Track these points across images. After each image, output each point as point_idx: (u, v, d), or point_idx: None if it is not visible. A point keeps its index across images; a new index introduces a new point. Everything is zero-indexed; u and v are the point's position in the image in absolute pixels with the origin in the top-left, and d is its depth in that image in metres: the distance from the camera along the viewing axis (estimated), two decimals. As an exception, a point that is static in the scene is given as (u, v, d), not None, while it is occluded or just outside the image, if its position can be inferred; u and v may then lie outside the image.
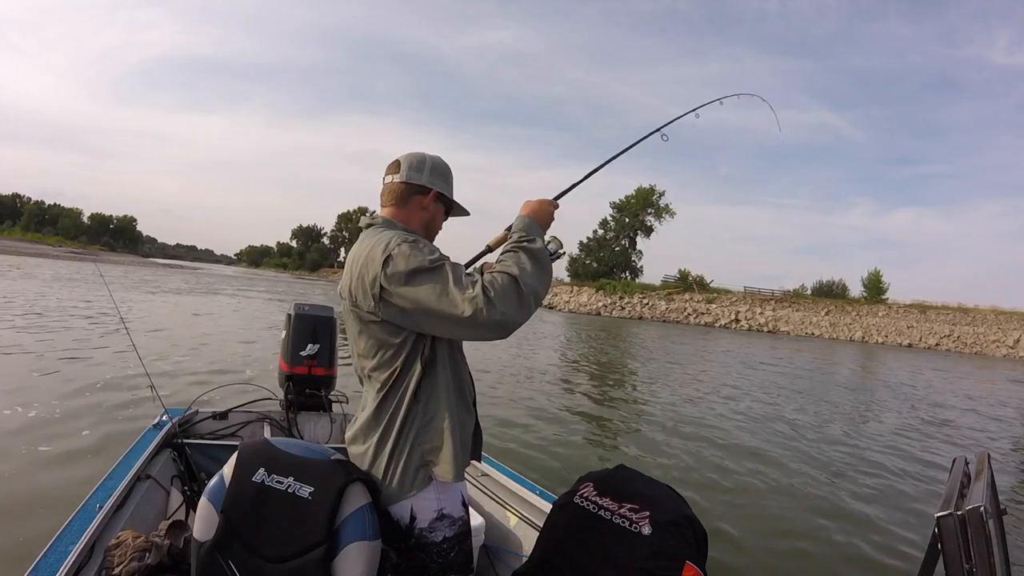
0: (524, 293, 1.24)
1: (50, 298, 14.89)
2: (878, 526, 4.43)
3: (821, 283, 53.34)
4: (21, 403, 5.23)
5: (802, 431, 7.66)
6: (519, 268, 1.27)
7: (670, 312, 44.32)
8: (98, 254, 68.88)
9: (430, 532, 1.36)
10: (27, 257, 38.82)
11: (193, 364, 8.06)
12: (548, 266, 1.35)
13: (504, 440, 5.68)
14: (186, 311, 16.43)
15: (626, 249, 60.64)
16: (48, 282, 20.26)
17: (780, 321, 41.79)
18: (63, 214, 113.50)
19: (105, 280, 4.27)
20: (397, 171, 1.48)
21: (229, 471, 1.34)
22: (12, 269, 25.27)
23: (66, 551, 1.51)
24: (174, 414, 2.73)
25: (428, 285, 1.24)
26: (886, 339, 38.69)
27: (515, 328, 1.26)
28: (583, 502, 1.44)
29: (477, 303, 1.20)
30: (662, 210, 59.39)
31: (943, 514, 0.61)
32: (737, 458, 5.96)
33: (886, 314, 42.09)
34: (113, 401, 5.59)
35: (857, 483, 5.54)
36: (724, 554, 3.61)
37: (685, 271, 52.29)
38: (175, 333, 11.20)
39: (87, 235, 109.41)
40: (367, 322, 1.36)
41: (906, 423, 9.10)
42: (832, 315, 42.64)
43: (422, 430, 1.36)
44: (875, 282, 48.82)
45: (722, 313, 43.32)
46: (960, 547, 0.59)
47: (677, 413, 8.06)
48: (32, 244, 65.35)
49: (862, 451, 6.90)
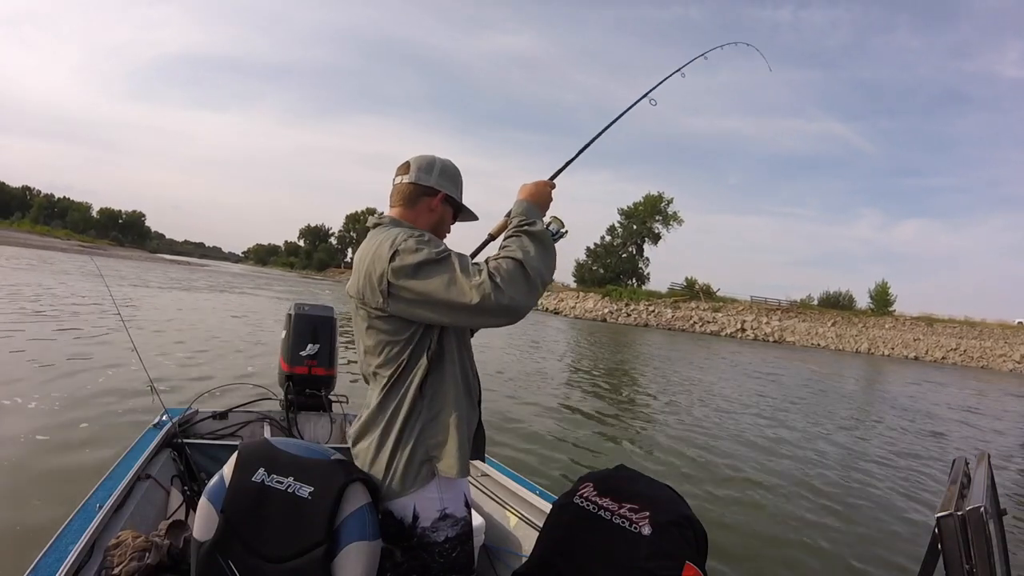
0: (531, 276, 1.26)
1: (53, 292, 14.87)
2: (878, 527, 4.43)
3: (828, 294, 53.23)
4: (21, 402, 5.23)
5: (804, 437, 7.67)
6: (523, 252, 1.28)
7: (676, 320, 44.24)
8: (106, 248, 69.34)
9: (433, 531, 1.35)
10: (35, 249, 38.83)
11: (197, 363, 8.05)
12: (551, 247, 1.36)
13: (505, 440, 5.68)
14: (193, 308, 16.44)
15: (633, 256, 60.59)
16: (54, 275, 20.21)
17: (786, 331, 41.73)
18: (73, 207, 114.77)
19: (104, 279, 4.26)
20: (406, 172, 1.49)
21: (229, 471, 1.34)
22: (12, 260, 25.28)
23: (66, 551, 1.51)
24: (174, 414, 2.73)
25: (435, 276, 1.25)
26: (892, 351, 38.62)
27: (524, 312, 1.27)
28: (583, 502, 1.44)
29: (484, 289, 1.21)
30: (670, 217, 59.43)
31: (943, 514, 0.61)
32: (739, 461, 5.96)
33: (893, 326, 41.97)
34: (113, 400, 5.58)
35: (857, 487, 5.54)
36: (724, 554, 3.61)
37: (692, 279, 52.29)
38: (180, 331, 11.19)
39: (96, 229, 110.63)
40: (374, 319, 1.37)
41: (904, 431, 9.10)
42: (838, 326, 42.54)
43: (427, 424, 1.36)
44: (882, 294, 48.81)
45: (728, 322, 43.24)
46: (960, 547, 0.59)
47: (678, 418, 8.08)
48: (40, 237, 65.71)
49: (862, 456, 6.90)
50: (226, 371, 7.66)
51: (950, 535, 0.60)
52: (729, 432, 7.24)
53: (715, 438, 6.82)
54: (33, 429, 4.55)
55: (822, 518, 4.53)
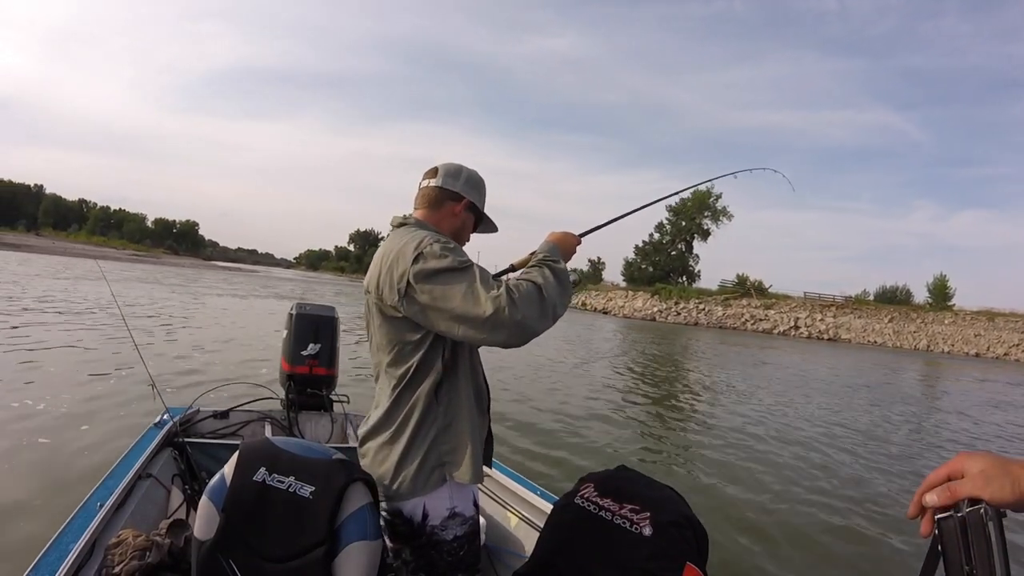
0: (546, 302, 1.28)
1: (72, 296, 14.94)
2: (879, 528, 4.43)
3: (884, 288, 51.31)
4: (21, 402, 5.24)
5: (848, 443, 7.31)
6: (544, 279, 1.31)
7: (727, 318, 42.86)
8: (160, 256, 72.34)
9: (442, 530, 1.37)
10: (86, 259, 39.51)
11: (224, 360, 8.09)
12: (569, 286, 1.37)
13: (523, 439, 5.67)
14: (240, 312, 16.56)
15: (683, 253, 59.31)
16: (72, 280, 20.19)
17: (841, 328, 40.07)
18: (128, 218, 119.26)
19: (107, 278, 4.28)
20: (434, 176, 1.53)
21: (230, 470, 1.34)
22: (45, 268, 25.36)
23: (67, 549, 1.51)
24: (175, 413, 2.73)
25: (455, 284, 1.26)
26: (952, 348, 36.58)
27: (533, 334, 1.27)
28: (584, 503, 1.44)
29: (500, 302, 1.22)
30: (719, 212, 57.24)
31: (943, 515, 0.61)
32: (765, 467, 5.90)
33: (952, 321, 39.90)
34: (114, 400, 5.59)
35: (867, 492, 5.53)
36: (724, 554, 3.61)
37: (743, 276, 50.32)
38: (224, 330, 11.28)
39: (151, 239, 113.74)
40: (389, 316, 1.39)
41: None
42: (896, 322, 40.50)
43: (442, 432, 1.38)
44: (941, 287, 46.52)
45: (781, 319, 41.83)
46: (960, 549, 0.59)
47: (717, 422, 7.82)
48: (97, 247, 68.68)
49: (867, 460, 6.89)
50: (259, 373, 7.60)
51: (950, 536, 0.60)
52: (765, 444, 6.95)
53: (750, 452, 6.59)
54: (34, 429, 4.56)
55: (821, 519, 4.51)
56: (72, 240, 78.16)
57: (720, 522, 4.08)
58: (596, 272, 67.94)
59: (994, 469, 0.60)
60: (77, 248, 56.65)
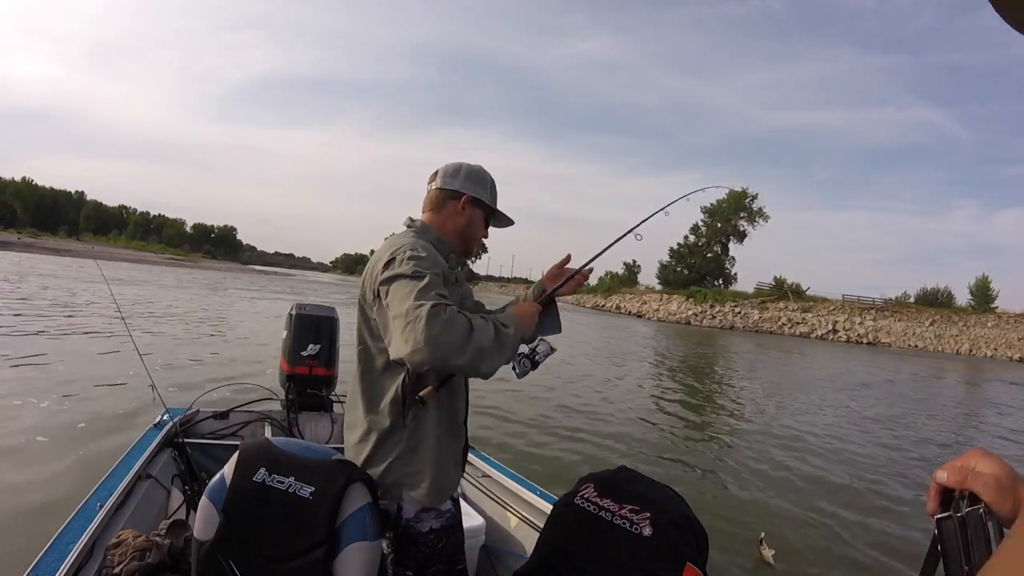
0: (471, 341, 1.20)
1: (78, 296, 14.95)
2: (878, 529, 4.43)
3: (925, 291, 49.88)
4: (21, 401, 5.24)
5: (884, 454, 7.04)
6: (480, 324, 1.25)
7: (763, 322, 41.99)
8: (197, 261, 73.83)
9: (416, 523, 1.38)
10: (125, 263, 39.93)
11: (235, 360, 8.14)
12: (505, 350, 1.31)
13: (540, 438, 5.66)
14: (276, 314, 16.56)
15: (719, 255, 57.82)
16: (84, 282, 20.19)
17: (881, 332, 39.19)
18: (167, 224, 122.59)
19: (106, 278, 4.28)
20: (435, 179, 1.55)
21: (230, 471, 1.34)
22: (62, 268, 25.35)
23: (66, 550, 1.51)
24: (175, 413, 2.73)
25: (402, 288, 1.23)
26: (995, 352, 35.57)
27: (439, 358, 1.16)
28: (584, 503, 1.44)
29: (422, 311, 1.16)
30: (755, 214, 55.93)
31: (943, 516, 0.61)
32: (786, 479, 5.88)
33: (996, 324, 38.91)
34: (114, 399, 5.59)
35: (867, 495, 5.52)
36: (724, 554, 3.61)
37: (781, 278, 48.97)
38: (230, 334, 11.34)
39: (189, 243, 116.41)
40: (367, 317, 1.41)
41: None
42: (937, 325, 39.59)
43: (405, 454, 1.37)
44: (983, 289, 44.92)
45: (819, 323, 40.88)
46: (960, 549, 0.59)
47: (742, 433, 7.58)
48: (136, 251, 70.12)
49: (872, 462, 6.88)
50: (266, 372, 7.53)
51: (950, 536, 0.60)
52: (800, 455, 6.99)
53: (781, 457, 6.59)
54: (33, 429, 4.56)
55: (821, 520, 4.51)
56: (112, 245, 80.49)
57: (720, 523, 4.08)
58: (631, 275, 66.06)
59: (1007, 480, 0.59)
60: (116, 252, 57.51)
